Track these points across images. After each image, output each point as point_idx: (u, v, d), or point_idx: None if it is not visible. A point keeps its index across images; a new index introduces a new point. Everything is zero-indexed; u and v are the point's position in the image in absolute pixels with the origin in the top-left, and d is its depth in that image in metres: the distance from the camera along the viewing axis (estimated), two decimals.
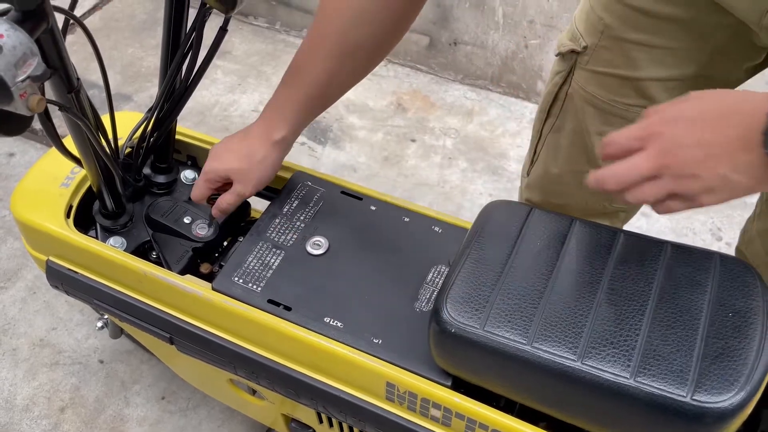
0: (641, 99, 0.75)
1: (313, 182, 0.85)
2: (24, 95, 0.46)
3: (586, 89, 0.79)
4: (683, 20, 0.68)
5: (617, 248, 0.64)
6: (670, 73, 0.72)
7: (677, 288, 0.60)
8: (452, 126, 1.76)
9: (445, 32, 1.78)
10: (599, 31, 0.75)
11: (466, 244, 0.68)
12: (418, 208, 0.82)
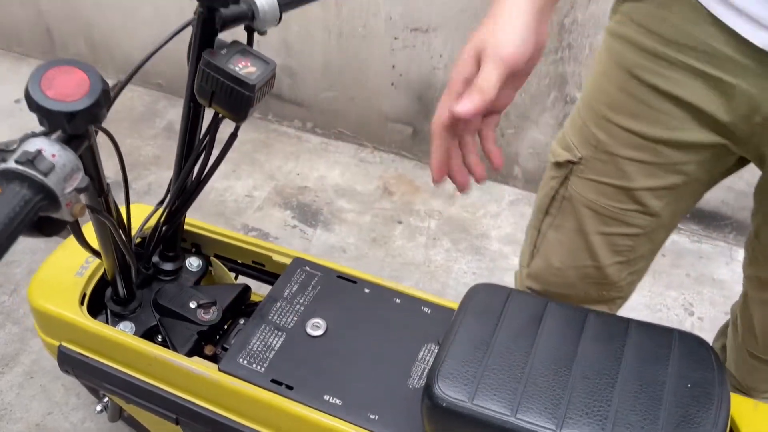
0: (635, 205, 0.81)
1: (311, 267, 0.92)
2: (69, 204, 0.54)
3: (583, 195, 0.85)
4: (671, 141, 0.75)
5: (588, 327, 0.72)
6: (660, 183, 0.79)
7: (642, 362, 0.67)
8: (436, 208, 1.86)
9: (427, 122, 1.91)
10: (593, 146, 0.81)
11: (453, 324, 0.75)
12: (408, 290, 0.90)
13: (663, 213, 0.82)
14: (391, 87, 1.88)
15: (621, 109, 0.77)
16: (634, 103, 0.75)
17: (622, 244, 0.86)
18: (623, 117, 0.77)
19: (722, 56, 0.66)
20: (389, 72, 1.84)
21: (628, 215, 0.83)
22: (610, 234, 0.85)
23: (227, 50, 0.73)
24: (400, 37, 1.75)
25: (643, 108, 0.74)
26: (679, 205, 0.83)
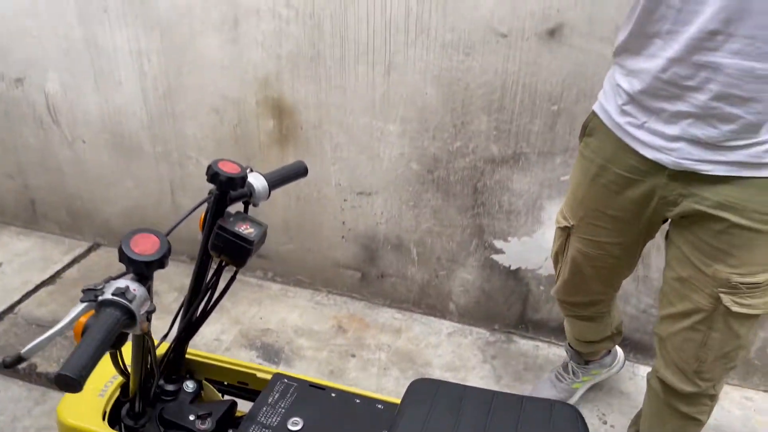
0: (603, 252, 1.36)
1: (288, 380, 1.17)
2: (142, 322, 0.81)
3: (577, 247, 1.40)
4: (621, 218, 1.28)
5: (494, 405, 1.00)
6: (618, 240, 1.34)
7: (532, 427, 0.95)
8: (385, 342, 2.13)
9: (374, 268, 2.24)
10: (579, 217, 1.37)
11: (398, 414, 1.01)
12: (364, 392, 1.16)
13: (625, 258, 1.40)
14: (342, 240, 2.22)
15: (588, 197, 1.32)
16: (595, 194, 1.30)
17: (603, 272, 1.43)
18: (590, 202, 1.32)
19: (633, 165, 1.20)
20: (340, 227, 2.20)
21: (599, 259, 1.38)
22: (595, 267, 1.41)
23: (233, 218, 1.04)
24: (348, 199, 2.13)
25: (600, 196, 1.29)
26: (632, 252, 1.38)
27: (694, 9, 1.00)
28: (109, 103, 2.28)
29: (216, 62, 2.05)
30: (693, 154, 1.09)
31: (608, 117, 1.22)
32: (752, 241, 1.10)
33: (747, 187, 1.08)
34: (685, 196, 1.14)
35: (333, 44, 1.88)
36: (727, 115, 1.04)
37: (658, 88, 1.09)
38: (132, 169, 2.40)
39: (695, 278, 1.19)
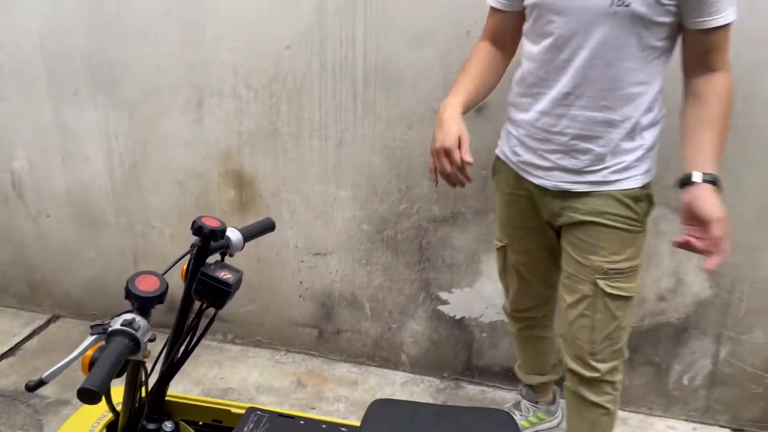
0: (534, 257, 1.71)
1: (261, 412, 1.31)
2: (144, 349, 0.96)
3: (514, 259, 1.74)
4: (533, 227, 1.64)
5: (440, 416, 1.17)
6: (540, 245, 1.68)
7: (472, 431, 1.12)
8: (343, 394, 2.26)
9: (330, 324, 2.40)
10: (508, 236, 1.73)
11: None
12: (328, 418, 1.31)
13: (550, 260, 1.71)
14: (300, 299, 2.38)
15: (509, 219, 1.70)
16: (511, 215, 1.68)
17: (540, 274, 1.75)
18: (511, 221, 1.69)
19: (528, 189, 1.57)
20: (297, 287, 2.36)
21: (533, 262, 1.73)
22: (532, 272, 1.75)
23: (213, 266, 1.21)
24: (305, 260, 2.31)
25: (515, 216, 1.67)
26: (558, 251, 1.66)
27: (554, 78, 1.42)
28: (76, 179, 2.43)
29: (181, 139, 2.25)
30: (565, 178, 1.49)
31: (506, 157, 1.62)
32: (613, 236, 1.48)
33: (604, 198, 1.47)
34: (564, 209, 1.52)
35: (289, 122, 2.12)
36: (583, 150, 1.45)
37: (534, 133, 1.50)
38: (95, 241, 2.51)
39: (579, 271, 1.53)
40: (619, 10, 1.30)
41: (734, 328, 2.02)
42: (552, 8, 1.37)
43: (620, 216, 1.47)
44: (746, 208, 1.87)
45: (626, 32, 1.32)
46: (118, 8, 2.13)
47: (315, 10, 1.96)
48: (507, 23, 1.54)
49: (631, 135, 1.43)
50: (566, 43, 1.38)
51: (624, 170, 1.45)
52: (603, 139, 1.42)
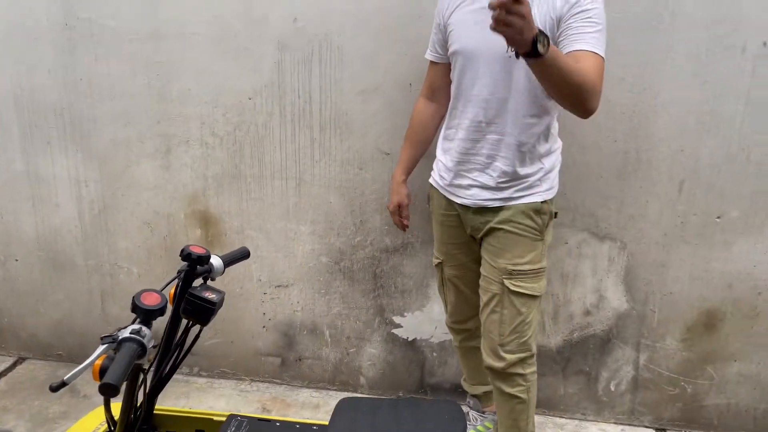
0: (466, 269, 1.96)
1: (240, 417, 1.49)
2: (148, 355, 1.14)
3: (450, 273, 1.99)
4: (463, 242, 1.92)
5: (398, 408, 1.38)
6: (469, 258, 1.95)
7: (426, 419, 1.33)
8: (306, 417, 2.42)
9: (292, 353, 2.57)
10: (443, 252, 1.99)
11: (328, 429, 1.36)
12: (302, 420, 1.49)
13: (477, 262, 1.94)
14: (263, 329, 2.55)
15: (443, 237, 1.96)
16: (445, 233, 1.94)
17: (472, 285, 1.96)
18: (445, 239, 1.96)
19: (455, 209, 1.87)
20: (261, 318, 2.54)
21: (466, 275, 1.98)
22: (466, 283, 1.99)
23: (199, 288, 1.40)
24: (268, 292, 2.50)
25: (448, 233, 1.93)
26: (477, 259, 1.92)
27: (470, 110, 1.76)
28: (45, 224, 2.56)
29: (149, 184, 2.43)
30: (482, 195, 1.80)
31: (436, 183, 1.93)
32: (517, 242, 1.78)
33: (512, 210, 1.77)
34: (483, 222, 1.82)
35: (252, 165, 2.33)
36: (495, 168, 1.76)
37: (457, 157, 1.81)
38: (63, 283, 2.63)
39: (490, 273, 1.82)
40: (512, 54, 1.51)
41: (650, 337, 2.32)
42: (464, 54, 1.74)
43: (524, 225, 1.78)
44: (653, 232, 2.19)
45: (519, 73, 1.66)
46: (90, 68, 2.33)
47: (275, 66, 2.21)
48: (441, 74, 1.90)
49: (531, 159, 1.76)
50: (475, 81, 1.73)
51: (528, 188, 1.77)
52: (509, 160, 1.75)
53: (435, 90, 1.95)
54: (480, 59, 1.71)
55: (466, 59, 1.74)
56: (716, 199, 2.13)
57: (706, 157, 2.09)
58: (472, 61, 1.73)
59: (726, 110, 2.04)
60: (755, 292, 2.21)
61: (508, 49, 1.49)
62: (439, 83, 1.93)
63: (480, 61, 1.71)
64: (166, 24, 2.23)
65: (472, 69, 1.73)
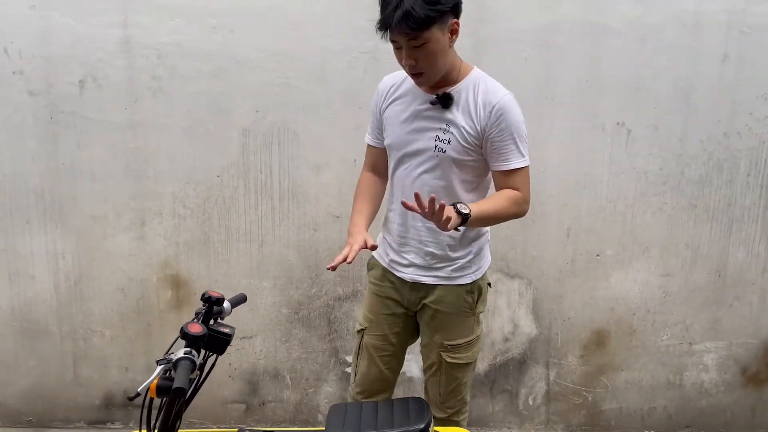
0: (386, 342, 2.03)
1: (249, 429, 1.83)
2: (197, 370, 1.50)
3: (369, 342, 2.04)
4: (392, 314, 2.01)
5: (378, 409, 1.78)
6: (394, 331, 2.03)
7: (399, 415, 1.74)
8: None
9: (256, 398, 2.89)
10: (369, 320, 2.04)
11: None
12: (303, 428, 1.85)
13: (398, 346, 2.06)
14: (229, 378, 2.86)
15: (374, 305, 2.04)
16: (376, 303, 2.03)
17: (386, 358, 2.05)
18: (375, 308, 2.04)
19: (393, 282, 1.99)
20: (227, 368, 2.85)
21: (385, 347, 2.04)
22: (381, 357, 2.04)
23: (215, 324, 1.76)
24: (234, 344, 2.82)
25: (379, 303, 2.02)
26: (403, 341, 2.06)
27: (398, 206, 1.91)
28: (20, 296, 2.78)
29: (124, 253, 2.74)
30: (418, 272, 1.94)
31: (379, 257, 2.04)
32: (449, 320, 1.95)
33: (445, 291, 1.93)
34: (419, 298, 1.97)
35: (220, 231, 2.72)
36: (428, 251, 1.91)
37: (397, 240, 1.96)
38: (36, 350, 2.83)
39: (429, 345, 2.01)
40: (439, 154, 1.80)
41: (556, 356, 2.86)
42: (397, 149, 1.89)
43: (456, 304, 1.94)
44: (550, 269, 2.76)
45: (446, 169, 1.82)
46: (72, 154, 2.65)
47: (241, 148, 2.65)
48: (379, 155, 2.02)
49: (461, 244, 1.90)
50: (408, 173, 1.87)
51: (459, 269, 1.92)
52: (440, 245, 1.89)
53: (376, 168, 2.05)
54: (409, 153, 1.86)
55: (397, 152, 1.89)
56: (595, 241, 2.75)
57: (585, 209, 2.72)
58: (403, 155, 1.87)
59: (596, 172, 2.69)
60: (631, 313, 2.82)
61: (435, 148, 1.80)
62: (378, 164, 2.04)
63: (409, 154, 1.86)
64: (144, 116, 2.62)
65: (403, 161, 1.88)
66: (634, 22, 2.55)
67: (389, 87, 1.93)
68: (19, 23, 2.54)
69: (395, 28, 1.64)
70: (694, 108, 2.64)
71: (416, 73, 1.74)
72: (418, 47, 1.67)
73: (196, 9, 2.53)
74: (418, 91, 1.84)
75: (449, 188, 1.85)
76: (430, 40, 1.66)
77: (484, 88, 1.80)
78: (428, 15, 1.61)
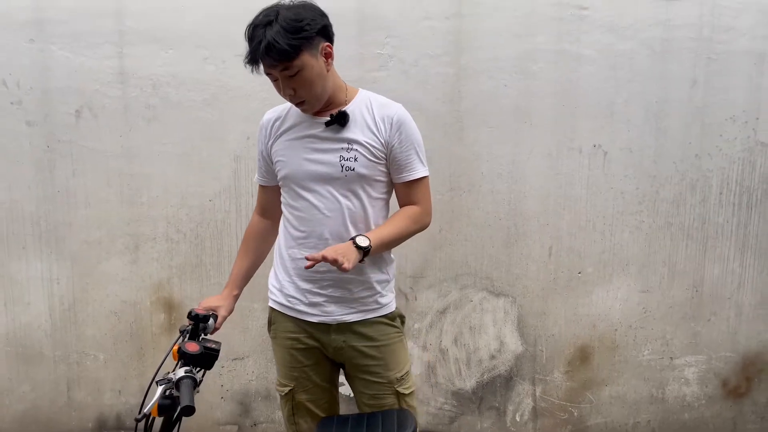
0: (322, 391, 1.91)
1: None
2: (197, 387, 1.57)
3: (303, 398, 1.90)
4: (316, 363, 1.87)
5: (366, 420, 1.85)
6: (325, 379, 1.91)
7: (387, 425, 1.81)
8: None
9: (248, 419, 2.93)
10: (294, 377, 1.88)
11: None
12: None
13: (332, 389, 1.96)
14: (221, 400, 2.91)
15: (292, 363, 1.88)
16: (294, 358, 1.88)
17: (325, 406, 1.95)
18: (295, 364, 1.88)
19: (308, 330, 1.84)
20: (219, 389, 2.90)
21: (323, 397, 1.93)
22: (321, 407, 1.93)
23: (202, 340, 1.82)
24: (225, 366, 2.88)
25: (299, 357, 1.87)
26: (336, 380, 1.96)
27: (313, 228, 1.78)
28: (15, 322, 2.83)
29: (118, 277, 2.81)
30: (340, 311, 1.80)
31: (281, 306, 1.89)
32: (392, 351, 1.85)
33: (376, 326, 1.84)
34: (346, 342, 1.82)
35: (212, 254, 2.79)
36: (348, 279, 1.77)
37: (306, 276, 1.80)
38: (30, 375, 2.87)
39: (382, 389, 1.85)
40: (348, 173, 1.74)
41: (541, 372, 2.93)
42: (299, 178, 1.78)
43: (390, 335, 1.86)
44: (534, 287, 2.85)
45: (355, 189, 1.76)
46: (68, 181, 2.74)
47: (233, 173, 2.74)
48: (270, 194, 1.95)
49: (379, 267, 1.82)
50: (317, 201, 1.76)
51: (383, 297, 1.84)
52: (359, 270, 1.77)
53: (267, 209, 1.99)
54: (313, 180, 1.77)
55: (300, 183, 1.79)
56: (576, 259, 2.84)
57: (565, 228, 2.82)
58: (305, 187, 1.78)
59: (574, 193, 2.80)
60: (613, 329, 2.91)
61: (343, 168, 1.74)
62: (269, 204, 1.97)
63: (314, 181, 1.77)
64: (139, 143, 2.72)
65: (308, 190, 1.78)
66: (605, 50, 2.69)
67: (273, 122, 1.87)
68: (18, 56, 2.65)
69: (264, 62, 1.63)
70: (666, 130, 2.76)
71: (298, 102, 1.73)
72: (292, 76, 1.65)
73: (189, 41, 2.64)
74: (306, 117, 1.80)
75: (362, 209, 1.78)
76: (303, 68, 1.64)
77: (377, 103, 1.79)
78: (292, 44, 1.59)
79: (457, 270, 2.83)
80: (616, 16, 2.68)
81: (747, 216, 2.84)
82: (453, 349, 2.90)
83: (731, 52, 2.72)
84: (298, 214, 1.81)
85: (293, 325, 1.88)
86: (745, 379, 2.97)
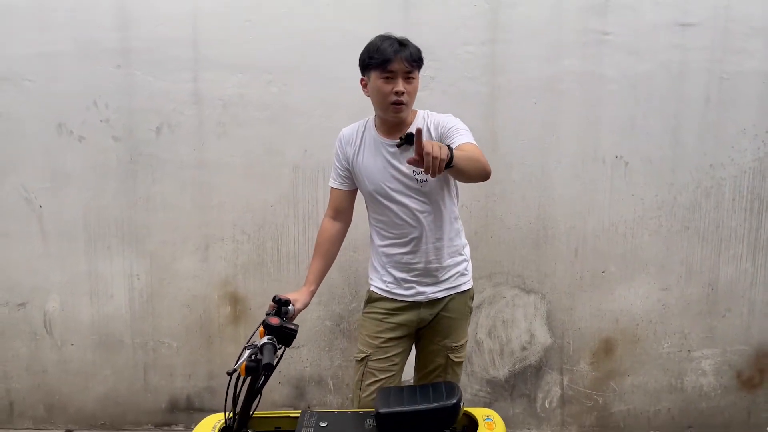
0: (391, 363, 2.25)
1: (311, 411, 2.20)
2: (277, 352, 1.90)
3: (373, 368, 2.24)
4: (398, 336, 2.24)
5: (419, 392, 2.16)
6: (398, 351, 2.26)
7: (431, 396, 2.12)
8: None
9: (302, 402, 3.26)
10: (374, 346, 2.23)
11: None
12: (354, 409, 2.23)
13: (400, 364, 2.30)
14: (279, 384, 3.25)
15: (378, 333, 2.25)
16: (381, 330, 2.26)
17: (390, 378, 2.26)
18: (379, 335, 2.25)
19: (398, 307, 2.24)
20: (277, 375, 3.24)
21: (389, 369, 2.26)
22: (387, 374, 2.25)
23: (283, 322, 2.15)
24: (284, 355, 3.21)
25: (384, 330, 2.25)
26: (403, 360, 2.31)
27: (406, 232, 2.18)
28: (100, 312, 3.21)
29: (189, 274, 3.17)
30: (429, 291, 2.21)
31: (380, 290, 2.27)
32: (458, 324, 2.27)
33: (455, 300, 2.24)
34: (433, 313, 2.24)
35: (272, 254, 3.14)
36: (434, 268, 2.20)
37: (401, 267, 2.22)
38: (111, 360, 3.24)
39: (436, 350, 2.27)
40: (422, 185, 2.11)
41: (569, 363, 3.21)
42: (384, 196, 2.17)
43: (462, 310, 2.27)
44: (561, 285, 3.14)
45: (433, 198, 2.15)
46: (148, 189, 3.12)
47: (291, 182, 3.09)
48: (344, 198, 2.32)
49: (458, 251, 2.25)
50: (400, 211, 2.16)
51: (460, 276, 2.26)
52: (441, 257, 2.21)
53: (339, 210, 2.34)
54: (396, 192, 2.15)
55: (384, 198, 2.17)
56: (600, 259, 3.13)
57: (590, 231, 3.11)
58: (390, 199, 2.16)
59: (598, 199, 3.09)
60: (634, 324, 3.18)
61: (418, 182, 2.10)
62: (342, 206, 2.33)
63: (398, 194, 2.15)
64: (210, 156, 3.08)
65: (394, 202, 2.16)
66: (626, 71, 2.99)
67: (352, 136, 2.25)
68: (107, 80, 3.04)
69: (404, 57, 2.03)
70: (682, 143, 3.05)
71: (400, 102, 2.07)
72: (409, 80, 2.08)
73: (255, 67, 3.01)
74: (376, 142, 2.18)
75: (439, 218, 2.17)
76: (416, 79, 2.11)
77: (434, 118, 2.16)
78: (421, 59, 2.11)
79: (491, 269, 3.13)
80: (635, 40, 2.98)
81: (758, 220, 3.10)
82: (487, 341, 3.20)
83: (742, 72, 2.99)
84: (385, 219, 2.20)
85: (389, 303, 2.24)
86: (758, 371, 3.22)
